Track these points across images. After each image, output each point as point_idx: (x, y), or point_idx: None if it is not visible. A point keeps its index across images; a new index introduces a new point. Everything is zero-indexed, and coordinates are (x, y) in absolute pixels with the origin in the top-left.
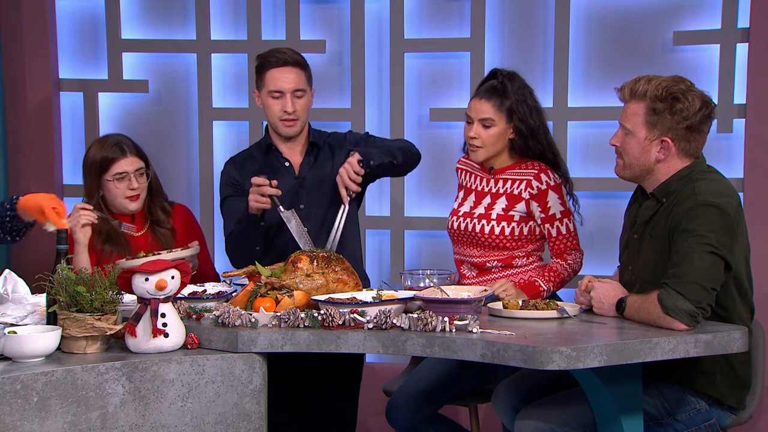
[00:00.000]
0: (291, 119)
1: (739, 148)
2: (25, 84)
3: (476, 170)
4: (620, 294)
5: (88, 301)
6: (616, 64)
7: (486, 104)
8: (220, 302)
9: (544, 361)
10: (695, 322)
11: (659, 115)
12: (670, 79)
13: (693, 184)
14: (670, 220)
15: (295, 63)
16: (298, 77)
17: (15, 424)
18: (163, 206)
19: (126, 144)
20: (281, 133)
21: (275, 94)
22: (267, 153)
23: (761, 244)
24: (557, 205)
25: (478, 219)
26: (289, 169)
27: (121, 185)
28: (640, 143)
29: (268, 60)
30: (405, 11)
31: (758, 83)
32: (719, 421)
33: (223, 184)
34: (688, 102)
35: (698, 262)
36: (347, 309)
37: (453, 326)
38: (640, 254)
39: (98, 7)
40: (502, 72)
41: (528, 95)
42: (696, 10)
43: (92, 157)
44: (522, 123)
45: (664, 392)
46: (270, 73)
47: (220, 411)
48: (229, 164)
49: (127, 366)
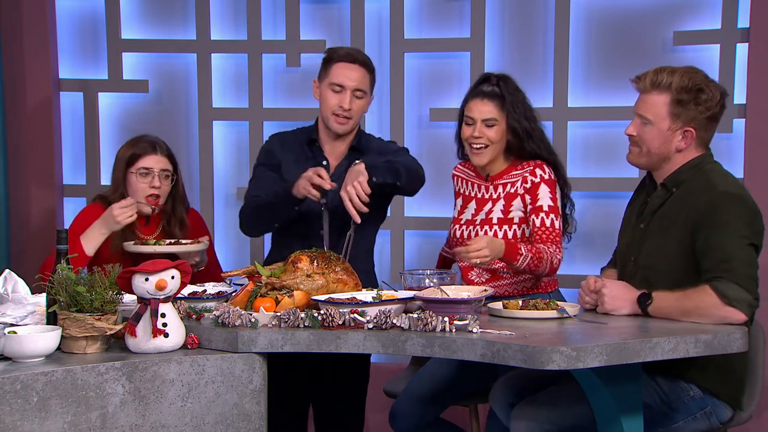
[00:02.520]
0: (344, 116)
1: (739, 148)
2: (25, 84)
3: (473, 178)
4: (634, 291)
5: (88, 301)
6: (616, 64)
7: (489, 104)
8: (220, 302)
9: (544, 361)
10: (752, 312)
11: (684, 106)
12: (690, 70)
13: (706, 175)
14: (687, 211)
15: (363, 63)
16: (363, 77)
17: (15, 424)
18: (182, 218)
19: (159, 144)
20: (331, 127)
21: (336, 88)
22: (309, 145)
23: None
24: (547, 198)
25: (481, 225)
26: (324, 168)
27: (144, 181)
28: (662, 133)
29: (337, 53)
30: (405, 11)
31: (758, 83)
32: (716, 412)
33: (263, 152)
34: (711, 92)
35: (743, 255)
36: (347, 309)
37: (453, 326)
38: (644, 244)
39: (98, 7)
40: (495, 75)
41: (521, 98)
42: (696, 10)
43: (124, 151)
44: (518, 123)
45: (658, 381)
46: (336, 66)
47: (220, 411)
48: (276, 138)
49: (127, 366)
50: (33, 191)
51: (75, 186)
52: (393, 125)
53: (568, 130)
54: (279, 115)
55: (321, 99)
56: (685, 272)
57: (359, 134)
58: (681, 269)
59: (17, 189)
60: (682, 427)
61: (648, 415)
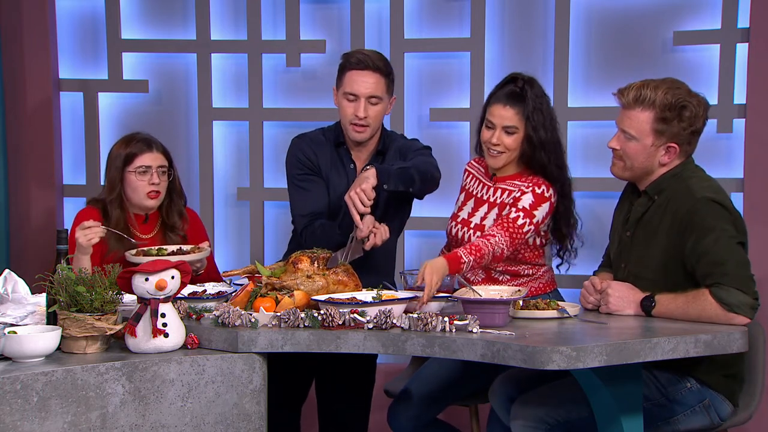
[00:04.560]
0: (361, 125)
1: (739, 148)
2: (25, 84)
3: (481, 176)
4: (638, 292)
5: (88, 301)
6: (616, 64)
7: (510, 111)
8: (220, 302)
9: (544, 361)
10: (755, 312)
11: (668, 123)
12: (671, 84)
13: (686, 182)
14: (669, 220)
15: (376, 68)
16: (377, 83)
17: (15, 424)
18: (180, 210)
19: (153, 140)
20: (350, 136)
21: (350, 97)
22: (337, 147)
23: (761, 244)
24: (527, 202)
25: (474, 230)
26: (352, 172)
27: (143, 179)
28: (645, 149)
29: (349, 60)
30: (405, 11)
31: (758, 83)
32: (715, 405)
33: (295, 162)
34: (694, 109)
35: (735, 256)
36: (347, 309)
37: (453, 326)
38: (632, 251)
39: (98, 7)
40: (523, 77)
41: (545, 105)
42: (696, 10)
43: (118, 149)
44: (535, 133)
45: (655, 374)
46: (349, 74)
47: (220, 411)
48: (300, 141)
49: (127, 366)
50: (33, 191)
51: (75, 186)
52: (393, 125)
53: (568, 130)
54: (279, 115)
55: (339, 108)
56: (671, 281)
57: (383, 136)
58: (666, 278)
59: (17, 189)
60: (681, 420)
61: (647, 408)
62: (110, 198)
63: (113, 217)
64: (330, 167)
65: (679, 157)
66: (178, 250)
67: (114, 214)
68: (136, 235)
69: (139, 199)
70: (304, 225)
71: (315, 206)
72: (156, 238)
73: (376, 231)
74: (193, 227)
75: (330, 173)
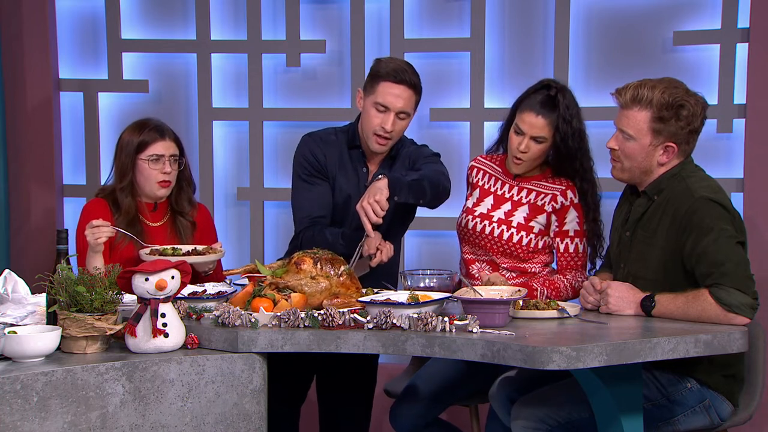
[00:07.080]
0: (385, 137)
1: (739, 148)
2: (25, 84)
3: (497, 173)
4: (639, 292)
5: (88, 301)
6: (616, 64)
7: (542, 121)
8: (220, 302)
9: (544, 361)
10: (754, 313)
11: (666, 122)
12: (669, 84)
13: (685, 182)
14: (668, 220)
15: (411, 84)
16: (409, 99)
17: (15, 424)
18: (190, 197)
19: (165, 128)
20: (370, 146)
21: (380, 108)
22: (349, 149)
23: (761, 244)
24: (574, 222)
25: (498, 223)
26: (364, 176)
27: (155, 167)
28: (644, 149)
29: (384, 68)
30: (405, 11)
31: (758, 83)
32: (716, 406)
33: (302, 161)
34: (692, 107)
35: (734, 256)
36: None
37: (453, 326)
38: (632, 251)
39: (98, 7)
40: (557, 85)
41: (575, 115)
42: (696, 10)
43: (129, 137)
44: (562, 142)
45: (655, 374)
46: (384, 85)
47: (220, 411)
48: (310, 139)
49: (127, 366)
50: (33, 191)
51: (75, 186)
52: None
53: None
54: (279, 115)
55: (364, 114)
56: (670, 281)
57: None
58: (666, 278)
59: (17, 189)
60: (681, 421)
61: (647, 409)
62: (121, 185)
63: (124, 205)
64: (338, 168)
65: (678, 156)
66: (193, 250)
67: (125, 202)
68: (145, 223)
69: (150, 188)
70: (303, 226)
71: (315, 208)
72: (165, 225)
73: (383, 248)
74: (204, 221)
75: (337, 174)
